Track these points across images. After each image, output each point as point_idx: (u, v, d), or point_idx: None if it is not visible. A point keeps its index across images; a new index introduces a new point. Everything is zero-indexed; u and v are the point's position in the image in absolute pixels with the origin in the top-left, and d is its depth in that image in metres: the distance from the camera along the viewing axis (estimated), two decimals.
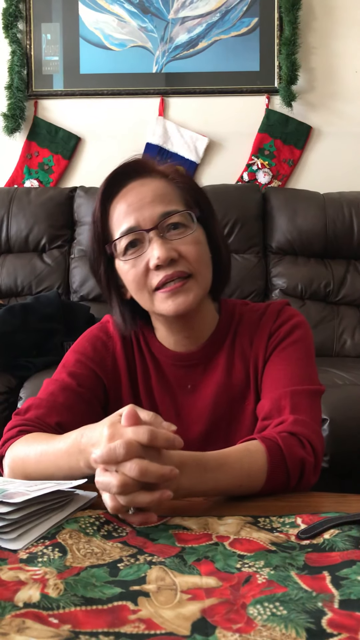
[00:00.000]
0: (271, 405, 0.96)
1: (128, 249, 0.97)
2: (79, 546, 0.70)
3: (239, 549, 0.70)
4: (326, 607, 0.56)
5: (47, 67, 3.10)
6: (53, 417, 0.99)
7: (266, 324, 1.05)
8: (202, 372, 1.05)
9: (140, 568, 0.65)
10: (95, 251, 1.03)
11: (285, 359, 1.01)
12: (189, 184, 1.03)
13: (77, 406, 1.01)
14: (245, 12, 3.04)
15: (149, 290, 0.97)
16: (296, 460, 0.87)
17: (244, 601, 0.58)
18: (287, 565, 0.66)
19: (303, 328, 1.05)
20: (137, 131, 3.07)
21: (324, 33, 3.05)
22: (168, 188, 0.99)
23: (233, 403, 1.04)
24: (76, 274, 2.74)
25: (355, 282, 2.71)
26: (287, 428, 0.91)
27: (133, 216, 0.96)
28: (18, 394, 2.00)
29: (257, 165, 3.06)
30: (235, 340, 1.06)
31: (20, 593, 0.58)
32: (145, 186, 0.99)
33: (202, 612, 0.57)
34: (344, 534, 0.72)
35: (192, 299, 0.96)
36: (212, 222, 1.04)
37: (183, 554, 0.69)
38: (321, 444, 0.94)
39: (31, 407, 1.01)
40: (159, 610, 0.56)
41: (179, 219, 0.97)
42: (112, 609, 0.57)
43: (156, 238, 0.95)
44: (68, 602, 0.58)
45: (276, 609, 0.57)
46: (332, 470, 1.88)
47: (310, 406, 0.96)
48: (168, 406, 1.06)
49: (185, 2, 3.04)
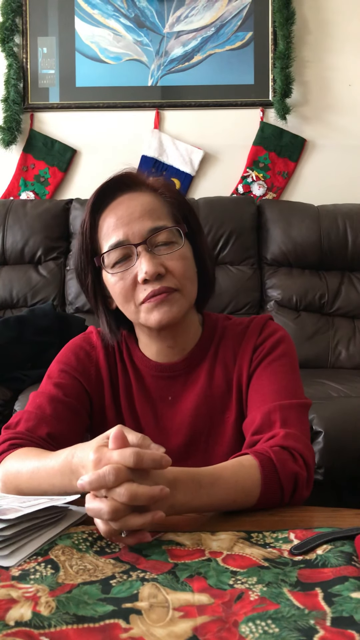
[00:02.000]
0: (261, 420, 0.96)
1: (116, 263, 0.98)
2: (71, 562, 0.70)
3: (231, 565, 0.70)
4: (318, 624, 0.56)
5: (43, 80, 3.11)
6: (43, 429, 0.99)
7: (250, 338, 1.05)
8: (183, 384, 1.06)
9: (133, 585, 0.65)
10: (83, 262, 1.03)
11: (272, 374, 1.01)
12: (178, 199, 1.04)
13: (66, 416, 1.02)
14: (240, 27, 3.06)
15: (136, 303, 0.98)
16: (289, 475, 0.87)
17: (235, 619, 0.58)
18: (279, 582, 0.65)
19: (287, 342, 1.05)
20: (133, 144, 3.08)
21: (318, 47, 3.07)
22: (157, 203, 1.01)
23: (213, 415, 1.05)
24: (72, 286, 2.74)
25: (350, 294, 2.71)
26: (279, 442, 0.91)
27: (122, 230, 0.97)
28: (12, 406, 1.99)
29: (251, 178, 3.07)
30: (218, 353, 1.06)
31: (12, 611, 0.58)
32: (135, 200, 1.00)
33: (194, 630, 0.56)
34: (336, 550, 0.71)
35: (176, 310, 0.97)
36: (199, 237, 1.05)
37: (176, 570, 0.68)
38: (312, 458, 0.95)
39: (21, 421, 1.01)
40: (151, 629, 0.56)
41: (167, 234, 0.98)
42: (103, 627, 0.56)
43: (144, 253, 0.96)
44: (60, 621, 0.57)
45: (268, 626, 0.56)
46: (327, 482, 1.87)
47: (300, 420, 0.96)
48: (149, 417, 1.06)
49: (180, 16, 3.06)
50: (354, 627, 0.56)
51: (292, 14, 2.98)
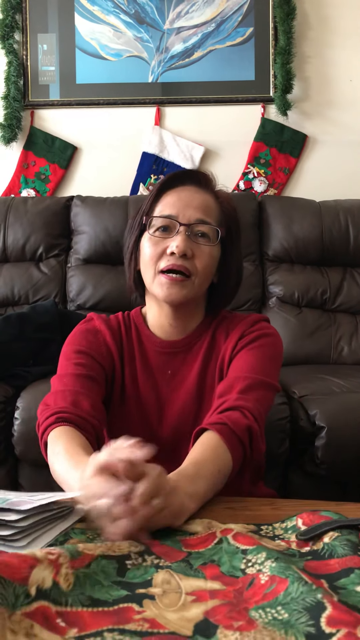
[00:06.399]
0: (225, 386, 1.08)
1: (158, 229, 1.14)
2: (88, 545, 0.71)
3: (242, 543, 0.71)
4: (326, 599, 0.56)
5: (43, 77, 3.11)
6: (84, 403, 1.06)
7: (242, 327, 1.17)
8: (182, 360, 1.18)
9: (147, 571, 0.66)
10: (136, 221, 1.19)
11: (250, 355, 1.12)
12: (231, 213, 1.20)
13: (94, 389, 1.11)
14: (241, 22, 3.06)
15: (156, 270, 1.12)
16: (243, 429, 0.99)
17: (246, 606, 0.59)
18: (288, 560, 0.66)
19: (274, 338, 1.17)
20: (134, 140, 3.08)
21: (319, 42, 3.07)
22: (213, 205, 1.17)
23: (205, 390, 1.16)
24: (73, 283, 2.74)
25: (352, 290, 2.71)
26: (230, 404, 1.02)
27: (177, 208, 1.13)
28: (15, 403, 1.99)
29: (253, 174, 3.07)
30: (215, 337, 1.19)
31: (35, 572, 0.58)
32: (198, 194, 1.16)
33: (205, 613, 0.58)
34: (343, 538, 0.72)
35: (184, 293, 1.12)
36: (234, 250, 1.20)
37: (189, 558, 0.70)
38: (261, 418, 1.04)
39: (58, 400, 1.06)
40: (163, 612, 0.57)
41: (207, 230, 1.13)
42: (117, 611, 0.57)
43: (183, 233, 1.11)
44: (76, 601, 0.58)
45: (277, 613, 0.57)
46: (330, 478, 1.87)
47: (260, 393, 1.07)
48: (148, 388, 1.17)
49: (180, 12, 3.06)
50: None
51: (292, 10, 2.97)
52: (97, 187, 3.00)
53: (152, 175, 3.06)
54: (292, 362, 2.51)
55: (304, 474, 1.91)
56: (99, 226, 2.73)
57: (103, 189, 2.95)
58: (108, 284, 2.68)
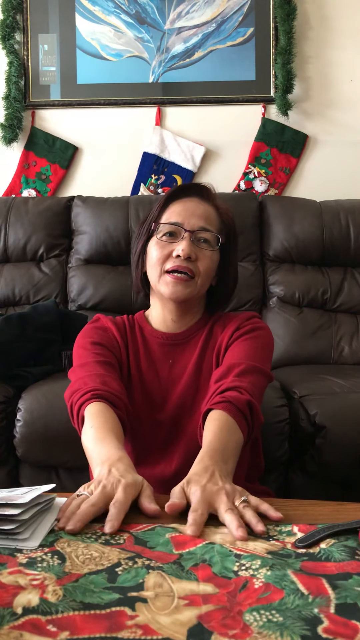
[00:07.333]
0: (222, 371, 1.19)
1: (165, 234, 1.27)
2: (77, 553, 0.70)
3: (235, 549, 0.70)
4: (322, 612, 0.56)
5: (44, 77, 3.11)
6: (113, 384, 1.16)
7: (237, 320, 1.31)
8: (181, 351, 1.31)
9: (138, 573, 0.65)
10: (145, 227, 1.32)
11: (244, 345, 1.25)
12: (230, 224, 1.34)
13: (114, 373, 1.22)
14: (241, 22, 3.05)
15: (162, 270, 1.26)
16: (244, 404, 1.10)
17: (240, 609, 0.58)
18: (283, 564, 0.66)
19: (265, 332, 1.30)
20: (134, 140, 3.08)
21: (320, 42, 3.06)
22: (214, 216, 1.31)
23: (202, 379, 1.27)
24: (74, 283, 2.74)
25: (353, 290, 2.70)
26: (228, 385, 1.13)
27: (182, 216, 1.27)
28: (16, 404, 1.99)
29: (253, 174, 3.07)
30: (212, 330, 1.32)
31: (20, 597, 0.58)
32: (201, 205, 1.30)
33: (199, 617, 0.57)
34: (340, 544, 0.71)
35: (187, 292, 1.25)
36: (230, 258, 1.34)
37: (181, 560, 0.69)
38: (257, 399, 1.14)
39: (87, 382, 1.16)
40: (156, 616, 0.57)
41: (209, 236, 1.28)
42: (109, 614, 0.57)
43: (188, 238, 1.25)
44: (67, 607, 0.58)
45: (272, 615, 0.57)
46: (330, 478, 1.87)
47: (255, 378, 1.18)
48: (152, 376, 1.29)
49: (181, 12, 3.06)
50: (357, 616, 0.56)
51: (293, 10, 2.97)
52: (97, 187, 3.00)
53: (152, 176, 3.06)
54: (292, 362, 2.51)
55: (304, 474, 1.91)
56: (100, 226, 2.73)
57: (104, 189, 2.95)
58: (109, 284, 2.68)
